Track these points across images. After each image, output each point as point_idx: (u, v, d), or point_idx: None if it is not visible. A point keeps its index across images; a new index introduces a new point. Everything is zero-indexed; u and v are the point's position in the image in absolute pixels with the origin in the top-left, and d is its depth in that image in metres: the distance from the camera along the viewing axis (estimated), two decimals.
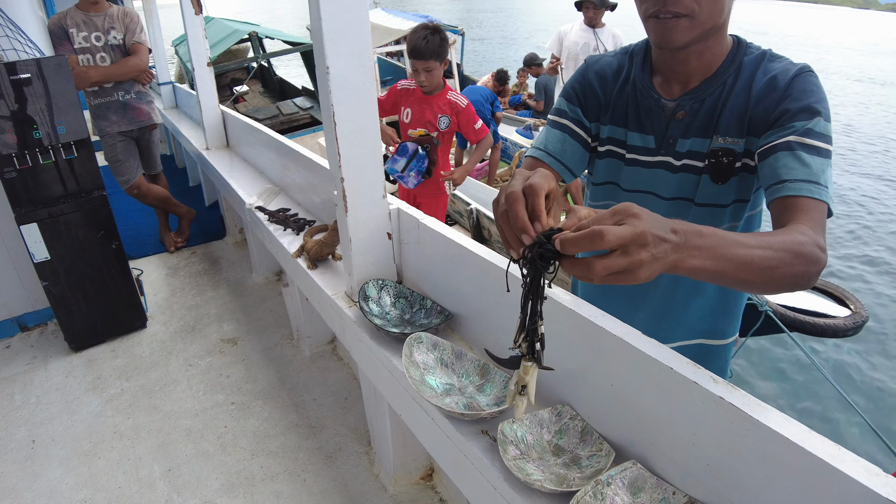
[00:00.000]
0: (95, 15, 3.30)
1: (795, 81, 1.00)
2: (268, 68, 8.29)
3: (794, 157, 0.93)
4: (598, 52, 4.32)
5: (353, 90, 1.32)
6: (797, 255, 0.77)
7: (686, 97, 1.10)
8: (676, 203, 1.15)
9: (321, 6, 1.19)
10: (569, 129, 1.21)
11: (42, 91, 2.42)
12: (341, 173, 1.38)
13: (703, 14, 0.97)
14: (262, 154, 3.08)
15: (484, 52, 26.02)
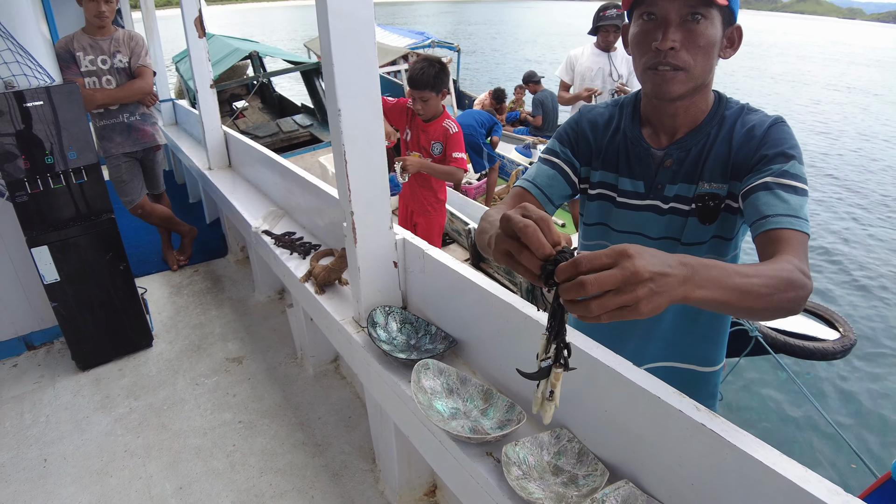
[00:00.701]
0: (102, 39, 3.39)
1: (771, 131, 1.11)
2: (267, 85, 8.39)
3: (774, 196, 1.03)
4: (612, 78, 4.32)
5: (362, 129, 1.41)
6: (788, 282, 0.86)
7: (674, 147, 1.20)
8: (663, 242, 1.25)
9: (333, 54, 1.29)
10: (559, 168, 1.31)
11: (54, 118, 2.50)
12: (351, 207, 1.47)
13: (696, 69, 1.08)
14: (265, 176, 3.16)
15: (475, 66, 26.28)
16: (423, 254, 1.57)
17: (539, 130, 8.96)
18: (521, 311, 1.21)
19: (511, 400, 1.26)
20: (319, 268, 1.96)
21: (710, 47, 1.07)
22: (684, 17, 1.05)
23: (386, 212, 1.56)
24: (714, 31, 1.07)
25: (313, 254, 2.22)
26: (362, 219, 1.51)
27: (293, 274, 2.14)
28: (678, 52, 1.06)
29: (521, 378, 1.21)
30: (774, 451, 0.79)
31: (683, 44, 1.06)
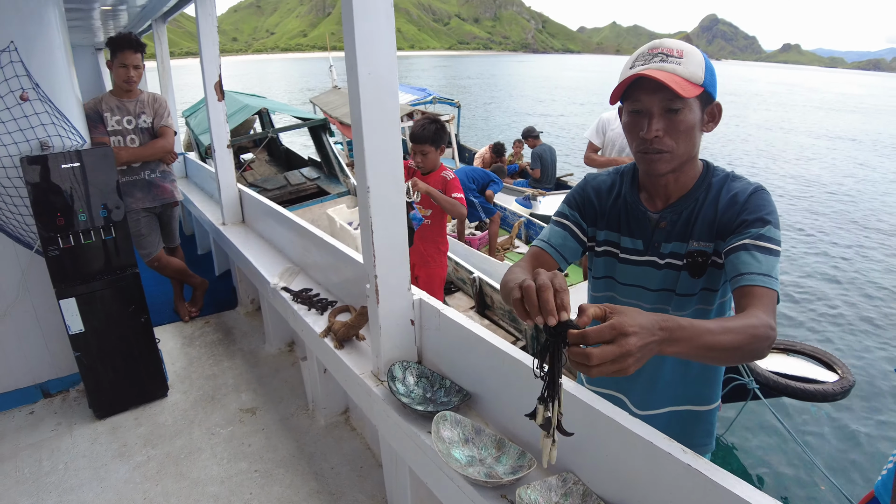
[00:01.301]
0: (128, 101, 3.62)
1: (751, 198, 1.28)
2: (275, 139, 8.67)
3: (751, 256, 1.20)
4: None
5: (387, 204, 1.60)
6: (753, 337, 1.04)
7: (667, 210, 1.38)
8: (660, 293, 1.42)
9: (365, 143, 1.47)
10: (569, 229, 1.49)
11: (88, 178, 2.69)
12: (375, 271, 1.64)
13: (680, 150, 1.27)
14: (280, 232, 3.34)
15: (471, 119, 27.05)
16: (439, 313, 1.73)
17: (538, 182, 9.25)
18: (528, 367, 1.37)
19: (522, 448, 1.40)
20: (339, 324, 2.11)
21: (690, 131, 1.26)
22: (665, 108, 1.24)
23: (406, 275, 1.73)
24: (693, 115, 1.25)
25: (331, 310, 2.38)
26: (385, 281, 1.67)
27: (312, 329, 2.29)
28: (662, 139, 1.25)
29: (530, 428, 1.36)
30: (750, 486, 0.95)
31: (666, 131, 1.25)
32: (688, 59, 1.23)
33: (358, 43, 1.40)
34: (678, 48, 1.25)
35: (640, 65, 1.25)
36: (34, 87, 2.70)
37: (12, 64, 2.64)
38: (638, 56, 1.28)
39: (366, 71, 1.44)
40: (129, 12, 5.80)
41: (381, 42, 1.44)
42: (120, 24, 6.85)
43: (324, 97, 11.72)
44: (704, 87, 1.24)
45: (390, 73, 1.48)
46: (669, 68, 1.22)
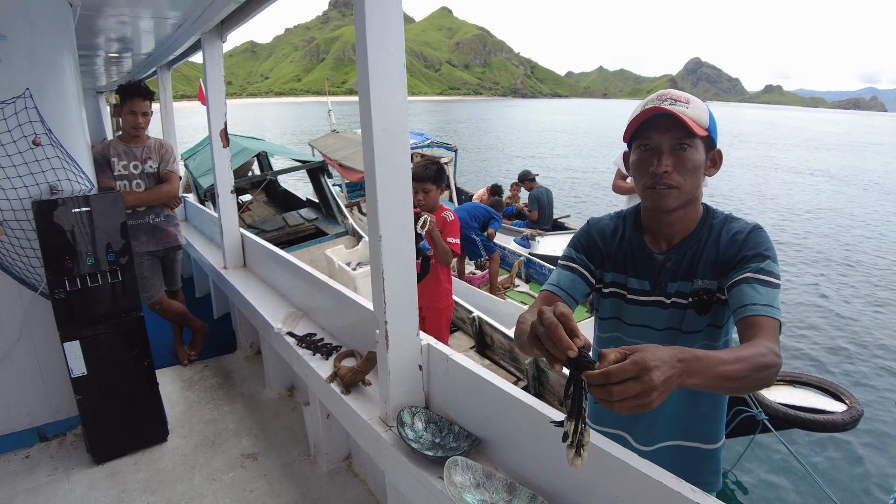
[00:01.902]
0: (135, 146, 3.71)
1: (750, 236, 1.36)
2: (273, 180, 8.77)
3: (753, 288, 1.26)
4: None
5: (398, 252, 1.65)
6: (762, 365, 1.09)
7: (672, 251, 1.45)
8: (666, 332, 1.47)
9: (378, 195, 1.53)
10: (577, 272, 1.54)
11: (97, 223, 2.74)
12: (385, 317, 1.68)
13: (687, 186, 1.35)
14: (283, 277, 3.37)
15: (463, 161, 27.59)
16: (447, 358, 1.76)
17: (536, 224, 9.37)
18: (538, 411, 1.40)
19: (533, 492, 1.42)
20: (345, 369, 2.13)
21: (696, 169, 1.35)
22: (674, 146, 1.33)
23: (414, 321, 1.77)
24: (699, 155, 1.35)
25: (336, 355, 2.40)
26: (395, 327, 1.71)
27: (318, 374, 2.31)
28: (671, 174, 1.33)
29: (541, 471, 1.39)
30: None
31: (675, 167, 1.33)
32: (694, 105, 1.34)
33: (373, 103, 1.48)
34: (685, 96, 1.36)
35: (652, 106, 1.35)
36: (47, 132, 2.78)
37: (27, 110, 2.72)
38: (648, 101, 1.38)
39: (380, 128, 1.51)
40: (134, 59, 5.93)
41: (394, 103, 1.52)
42: (123, 70, 7.00)
43: (322, 140, 11.90)
44: (709, 132, 1.35)
45: (402, 130, 1.56)
46: (679, 110, 1.31)
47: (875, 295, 9.66)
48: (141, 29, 4.10)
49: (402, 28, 1.51)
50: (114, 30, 4.08)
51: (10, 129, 2.69)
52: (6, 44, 2.60)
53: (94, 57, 5.77)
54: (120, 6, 3.27)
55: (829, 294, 9.71)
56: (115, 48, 5.10)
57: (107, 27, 3.96)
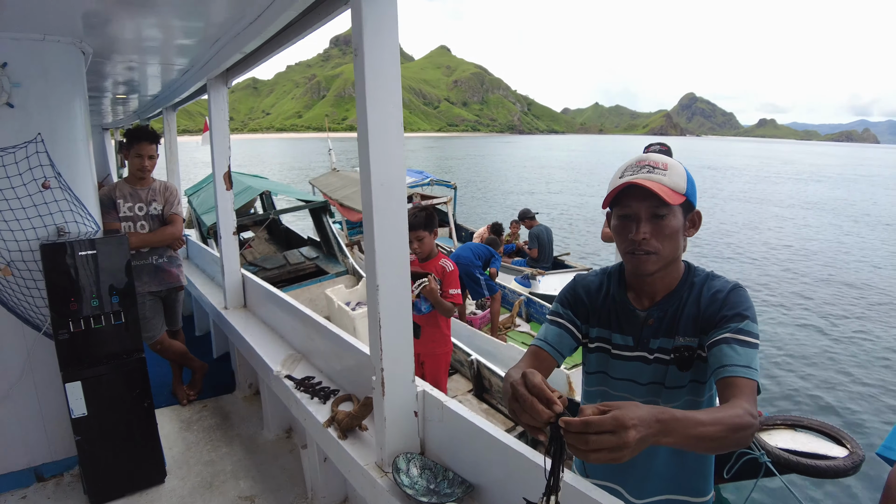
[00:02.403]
0: (141, 189, 3.78)
1: (730, 295, 1.39)
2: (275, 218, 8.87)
3: (732, 349, 1.30)
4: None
5: (395, 300, 1.70)
6: (737, 426, 1.12)
7: (654, 308, 1.48)
8: (650, 387, 1.50)
9: (376, 246, 1.59)
10: (564, 327, 1.58)
11: (103, 265, 2.78)
12: (382, 364, 1.72)
13: (665, 251, 1.39)
14: (282, 318, 3.41)
15: (461, 197, 27.97)
16: (442, 405, 1.79)
17: (536, 262, 9.43)
18: (531, 459, 1.43)
19: None
20: (342, 414, 2.16)
21: (674, 234, 1.39)
22: (651, 214, 1.37)
23: (410, 367, 1.81)
24: (676, 221, 1.39)
25: (333, 399, 2.43)
26: (391, 374, 1.75)
27: (315, 418, 2.33)
28: (649, 241, 1.37)
29: None
30: None
31: (653, 234, 1.37)
32: (671, 171, 1.38)
33: (372, 158, 1.55)
34: (663, 162, 1.40)
35: (630, 174, 1.39)
36: (56, 175, 2.86)
37: (38, 154, 2.81)
38: (627, 167, 1.43)
39: (378, 182, 1.58)
40: (140, 100, 6.07)
41: (391, 158, 1.59)
42: (129, 110, 7.15)
43: (323, 179, 12.03)
44: (686, 197, 1.38)
45: (400, 184, 1.62)
46: (656, 178, 1.36)
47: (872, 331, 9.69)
48: (148, 74, 4.22)
49: (399, 88, 1.59)
50: (122, 74, 4.20)
51: (21, 172, 2.77)
52: (20, 90, 2.70)
53: (102, 97, 5.91)
54: (130, 53, 3.38)
55: (824, 328, 9.77)
56: (123, 90, 5.23)
57: (115, 72, 4.08)
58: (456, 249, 7.26)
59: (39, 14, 2.42)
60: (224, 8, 2.37)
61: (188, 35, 2.91)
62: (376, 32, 1.51)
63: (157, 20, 2.63)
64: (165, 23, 2.69)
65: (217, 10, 2.43)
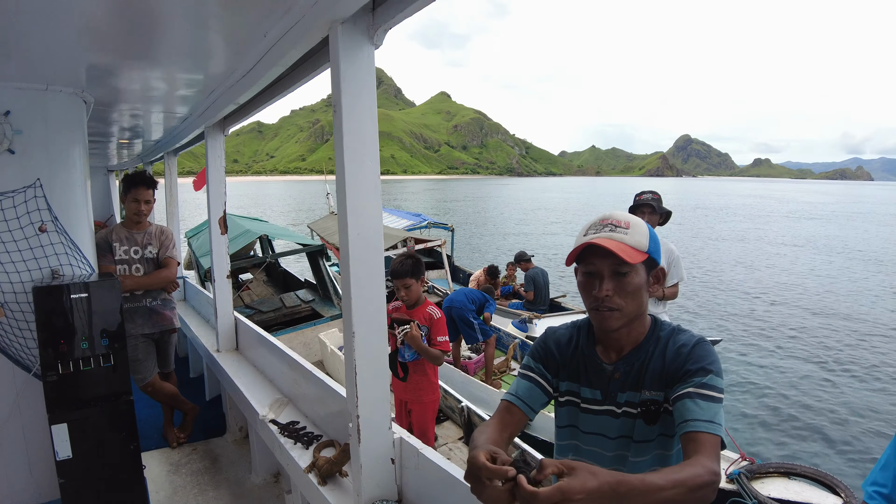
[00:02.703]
0: (137, 232, 3.85)
1: (695, 349, 1.41)
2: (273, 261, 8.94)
3: (695, 404, 1.30)
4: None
5: (371, 349, 1.73)
6: (698, 486, 1.13)
7: (621, 362, 1.50)
8: (619, 441, 1.50)
9: (352, 294, 1.63)
10: (535, 381, 1.59)
11: (94, 308, 2.82)
12: (357, 411, 1.74)
13: (628, 308, 1.41)
14: (272, 362, 3.43)
15: (460, 238, 28.27)
16: (418, 452, 1.81)
17: (532, 305, 9.44)
18: None
19: None
20: (322, 460, 2.17)
21: (637, 291, 1.41)
22: (614, 271, 1.39)
23: (387, 414, 1.83)
24: (639, 278, 1.41)
25: (316, 444, 2.44)
26: (366, 421, 1.77)
27: (297, 464, 2.34)
28: (612, 297, 1.39)
29: None
30: None
31: (615, 291, 1.39)
32: (633, 229, 1.41)
33: (349, 210, 1.61)
34: (625, 220, 1.42)
35: (593, 233, 1.43)
36: (53, 219, 2.93)
37: (36, 199, 2.88)
38: (591, 225, 1.46)
39: (355, 232, 1.63)
40: (144, 144, 6.21)
41: (368, 210, 1.65)
42: (134, 153, 7.29)
43: (321, 223, 12.14)
44: (649, 254, 1.41)
45: (376, 235, 1.68)
46: (618, 237, 1.39)
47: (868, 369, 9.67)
48: (151, 121, 4.34)
49: (376, 143, 1.66)
50: (126, 120, 4.32)
51: (18, 216, 2.84)
52: (21, 137, 2.79)
53: (108, 141, 6.04)
54: (131, 102, 3.49)
55: (815, 370, 9.74)
56: (127, 135, 5.36)
57: (119, 118, 4.19)
58: (450, 294, 7.28)
59: (43, 65, 2.51)
60: (220, 62, 2.48)
61: (188, 86, 3.02)
62: (354, 91, 1.59)
63: (159, 73, 2.74)
64: (167, 75, 2.79)
65: (214, 64, 2.53)
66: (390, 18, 1.51)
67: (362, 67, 1.60)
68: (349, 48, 1.56)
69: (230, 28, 1.98)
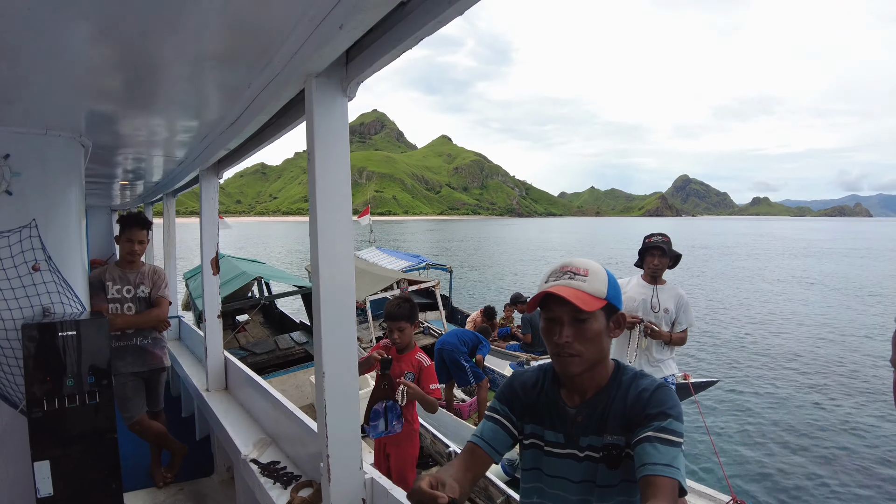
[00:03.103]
0: (130, 272, 3.93)
1: (655, 394, 1.43)
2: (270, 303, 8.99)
3: (653, 447, 1.32)
4: (654, 310, 4.16)
5: (341, 389, 1.78)
6: None
7: (583, 406, 1.52)
8: (582, 485, 1.51)
9: (323, 335, 1.69)
10: (500, 423, 1.62)
11: (83, 346, 2.86)
12: (328, 451, 1.78)
13: (588, 354, 1.44)
14: (258, 402, 3.45)
15: (462, 280, 28.43)
16: (387, 493, 1.84)
17: (530, 347, 9.45)
18: None
19: None
20: (298, 500, 2.20)
21: (596, 337, 1.44)
22: (573, 318, 1.42)
23: (358, 454, 1.86)
24: (598, 324, 1.44)
25: (294, 485, 2.45)
26: (337, 461, 1.81)
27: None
28: (572, 344, 1.42)
29: None
30: None
31: (575, 337, 1.42)
32: (592, 277, 1.45)
33: (321, 253, 1.68)
34: (584, 267, 1.47)
35: (553, 280, 1.47)
36: (47, 258, 3.00)
37: (31, 238, 2.96)
38: (552, 272, 1.50)
39: (327, 274, 1.70)
40: (145, 185, 6.34)
41: (339, 254, 1.72)
42: (136, 193, 7.43)
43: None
44: (608, 300, 1.45)
45: (348, 278, 1.75)
46: (576, 285, 1.43)
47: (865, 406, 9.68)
48: (150, 164, 4.46)
49: (348, 190, 1.74)
50: (126, 163, 4.44)
51: (13, 255, 2.91)
52: (20, 179, 2.88)
53: (110, 183, 6.17)
54: (127, 147, 3.61)
55: (810, 410, 9.72)
56: (130, 177, 5.48)
57: (120, 161, 4.31)
58: (442, 335, 7.30)
59: (43, 111, 2.62)
60: (212, 110, 2.59)
61: (184, 132, 3.13)
62: (327, 140, 1.68)
63: (156, 120, 2.85)
64: (164, 122, 2.91)
65: (207, 112, 2.65)
66: (362, 72, 1.61)
67: (336, 118, 1.69)
68: (323, 100, 1.66)
69: (220, 79, 2.09)
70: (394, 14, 1.32)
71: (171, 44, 1.68)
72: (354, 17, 1.27)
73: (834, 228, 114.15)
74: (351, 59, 1.64)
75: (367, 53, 1.54)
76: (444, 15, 1.19)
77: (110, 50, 1.76)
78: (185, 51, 1.74)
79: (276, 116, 2.20)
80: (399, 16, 1.33)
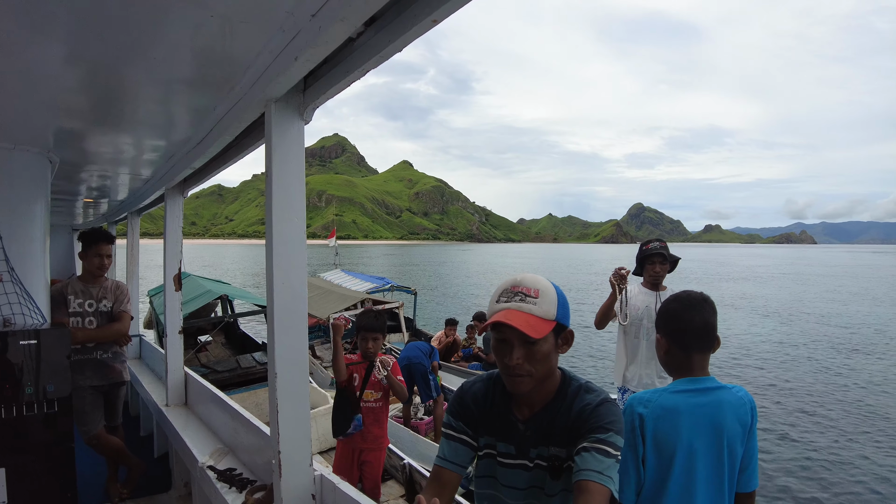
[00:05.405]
0: (93, 286, 3.98)
1: (598, 409, 1.49)
2: (233, 322, 8.98)
3: (590, 455, 1.41)
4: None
5: (292, 388, 1.91)
6: None
7: (532, 419, 1.60)
8: (530, 491, 1.61)
9: (276, 334, 1.83)
10: (459, 440, 1.69)
11: (43, 356, 2.92)
12: (279, 447, 1.90)
13: (538, 373, 1.50)
14: (217, 415, 3.53)
15: (423, 303, 28.66)
16: (335, 487, 1.96)
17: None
18: None
19: None
20: (252, 501, 2.30)
21: (545, 358, 1.50)
22: (523, 341, 1.46)
23: (307, 451, 1.99)
24: (547, 345, 1.49)
25: (249, 488, 2.55)
26: (288, 457, 1.93)
27: None
28: (522, 364, 1.47)
29: None
30: None
31: (525, 359, 1.47)
32: (542, 298, 1.49)
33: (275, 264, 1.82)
34: (535, 288, 1.50)
35: (504, 301, 1.51)
36: (9, 270, 3.04)
37: None
38: (503, 291, 1.54)
39: (280, 282, 1.84)
40: (110, 204, 6.36)
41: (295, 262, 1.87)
42: (99, 212, 7.41)
43: None
44: (557, 321, 1.50)
45: (301, 285, 1.89)
46: (526, 308, 1.47)
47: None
48: (115, 182, 4.53)
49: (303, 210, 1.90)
50: (91, 180, 4.50)
51: None
52: None
53: (74, 201, 6.18)
54: (95, 164, 3.70)
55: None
56: (95, 194, 5.52)
57: (85, 178, 4.37)
58: (404, 350, 7.40)
59: (12, 127, 2.71)
60: (179, 130, 2.73)
61: (152, 150, 3.24)
62: (284, 160, 1.83)
63: (121, 138, 2.96)
64: (132, 140, 3.02)
65: (175, 132, 2.78)
66: (317, 98, 1.77)
67: (293, 140, 1.85)
68: (281, 123, 1.82)
69: (188, 101, 2.23)
70: (343, 49, 1.49)
71: (142, 67, 1.82)
72: (307, 51, 1.43)
73: (778, 255, 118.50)
74: (308, 86, 1.80)
75: (323, 82, 1.70)
76: (386, 51, 1.36)
77: (82, 70, 1.89)
78: (156, 74, 1.89)
79: (238, 138, 2.34)
80: (348, 50, 1.50)
